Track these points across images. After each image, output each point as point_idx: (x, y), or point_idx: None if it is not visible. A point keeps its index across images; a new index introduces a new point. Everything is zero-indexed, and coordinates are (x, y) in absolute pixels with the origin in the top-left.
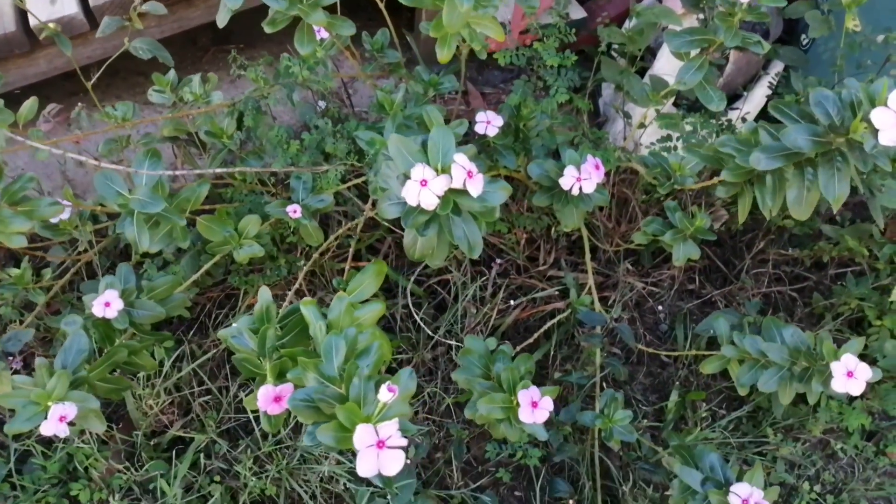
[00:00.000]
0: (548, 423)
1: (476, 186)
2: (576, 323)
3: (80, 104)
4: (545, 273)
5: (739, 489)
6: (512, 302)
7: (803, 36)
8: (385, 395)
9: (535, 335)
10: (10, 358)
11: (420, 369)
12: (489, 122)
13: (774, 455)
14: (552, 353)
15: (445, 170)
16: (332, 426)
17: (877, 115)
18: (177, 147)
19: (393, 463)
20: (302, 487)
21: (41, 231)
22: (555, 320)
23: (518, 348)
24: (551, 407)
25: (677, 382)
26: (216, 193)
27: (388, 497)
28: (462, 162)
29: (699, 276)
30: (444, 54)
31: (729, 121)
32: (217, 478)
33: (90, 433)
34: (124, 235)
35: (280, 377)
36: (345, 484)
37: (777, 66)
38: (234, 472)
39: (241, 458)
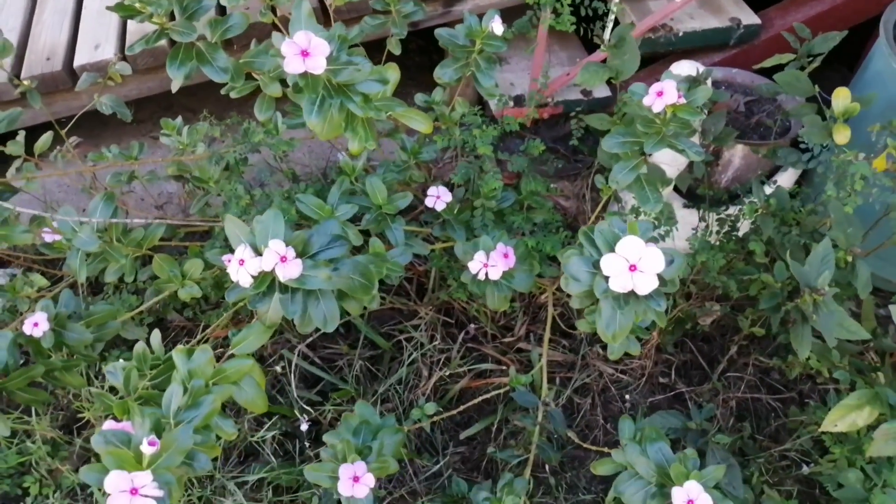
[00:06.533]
0: (457, 499)
1: (288, 271)
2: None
3: (72, 139)
4: (514, 345)
5: None
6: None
7: None
8: (146, 448)
9: (467, 404)
10: None
11: None
12: (439, 197)
13: None
14: (494, 426)
15: None
16: (97, 467)
17: (606, 262)
18: (183, 184)
19: None
20: None
21: (42, 249)
22: (493, 393)
23: (445, 415)
24: (372, 484)
25: None
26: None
27: None
28: (275, 247)
29: (676, 370)
30: (353, 147)
31: (730, 216)
32: None
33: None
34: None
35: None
36: None
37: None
38: None
39: None
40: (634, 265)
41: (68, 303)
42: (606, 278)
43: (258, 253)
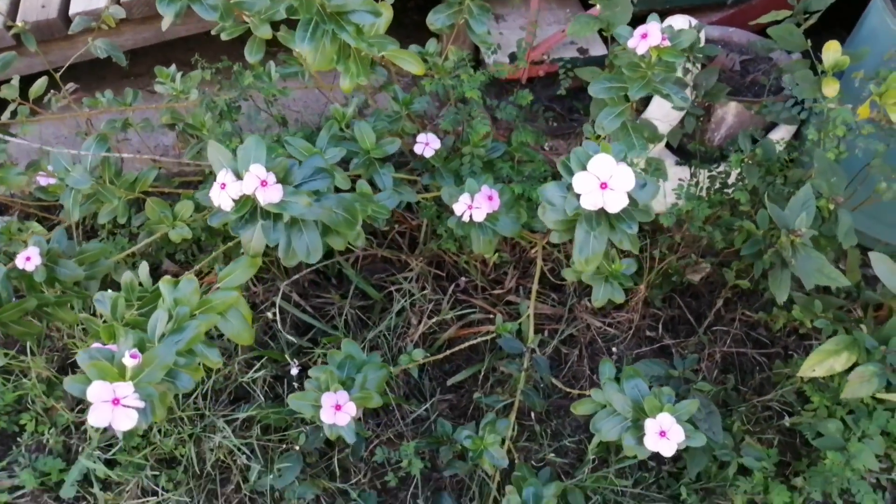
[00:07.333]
0: (442, 440)
1: (268, 195)
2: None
3: (69, 85)
4: (503, 297)
5: None
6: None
7: None
8: (128, 360)
9: (455, 349)
10: None
11: None
12: (427, 144)
13: None
14: (482, 375)
15: None
16: (80, 378)
17: (578, 180)
18: (177, 132)
19: (124, 420)
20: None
21: (38, 194)
22: (480, 340)
23: (432, 358)
24: (353, 413)
25: None
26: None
27: (272, 476)
28: (256, 171)
29: (663, 325)
30: (345, 83)
31: (721, 173)
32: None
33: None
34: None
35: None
36: (245, 460)
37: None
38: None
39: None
40: (605, 183)
41: (60, 240)
42: (578, 196)
43: (240, 178)
